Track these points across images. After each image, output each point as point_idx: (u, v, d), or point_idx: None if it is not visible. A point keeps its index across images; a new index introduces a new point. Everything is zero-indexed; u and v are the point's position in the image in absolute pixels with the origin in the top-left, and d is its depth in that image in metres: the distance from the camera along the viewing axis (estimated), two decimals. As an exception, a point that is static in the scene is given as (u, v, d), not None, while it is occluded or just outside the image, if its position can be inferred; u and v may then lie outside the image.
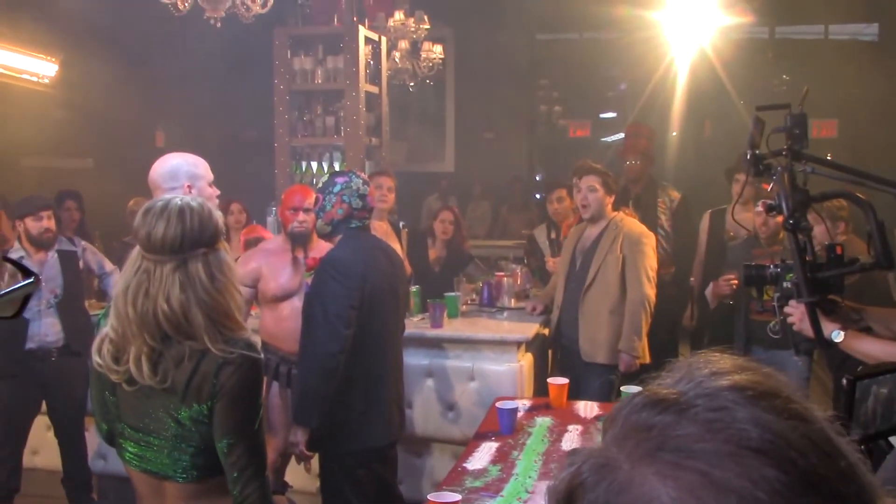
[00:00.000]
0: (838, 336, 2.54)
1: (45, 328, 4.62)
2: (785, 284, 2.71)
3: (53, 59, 7.78)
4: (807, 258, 2.50)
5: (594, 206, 4.64)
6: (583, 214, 4.79)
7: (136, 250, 2.14)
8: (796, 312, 2.62)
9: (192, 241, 2.09)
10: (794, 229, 2.46)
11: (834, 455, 0.60)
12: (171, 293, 2.06)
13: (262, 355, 3.13)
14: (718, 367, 0.65)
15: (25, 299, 1.17)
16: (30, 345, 4.60)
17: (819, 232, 3.16)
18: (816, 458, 0.58)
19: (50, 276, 4.67)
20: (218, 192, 3.02)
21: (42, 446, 5.12)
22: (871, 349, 2.51)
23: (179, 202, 2.13)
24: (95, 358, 2.13)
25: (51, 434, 4.91)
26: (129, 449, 2.18)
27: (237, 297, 2.18)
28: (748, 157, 2.59)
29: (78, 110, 7.77)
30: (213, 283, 2.10)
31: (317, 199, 3.55)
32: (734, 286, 4.44)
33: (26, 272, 1.16)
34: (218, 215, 2.22)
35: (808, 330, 2.56)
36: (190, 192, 2.84)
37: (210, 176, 2.99)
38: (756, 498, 0.54)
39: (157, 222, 2.09)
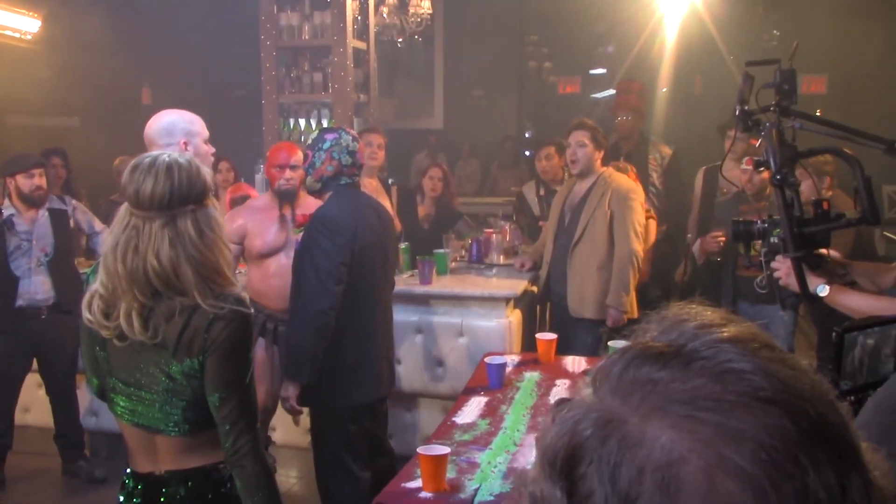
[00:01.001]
0: (823, 290, 2.57)
1: (36, 286, 4.62)
2: (772, 240, 2.72)
3: (36, 15, 7.67)
4: (794, 213, 2.51)
5: (583, 161, 4.64)
6: (571, 170, 4.79)
7: (125, 207, 2.13)
8: (783, 267, 2.63)
9: (181, 197, 2.08)
10: (782, 185, 2.47)
11: (835, 403, 0.61)
12: (160, 249, 2.05)
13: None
14: (706, 318, 0.65)
15: None
16: (20, 302, 4.60)
17: (806, 187, 3.17)
18: (823, 406, 0.59)
19: (41, 234, 4.66)
20: (213, 150, 3.00)
21: (34, 404, 5.15)
22: (856, 303, 2.54)
23: (167, 158, 2.12)
24: (85, 314, 2.13)
25: (42, 391, 4.94)
26: (121, 403, 2.20)
27: (227, 253, 2.18)
28: (737, 112, 2.59)
29: (63, 67, 7.65)
30: (203, 239, 2.10)
31: (306, 156, 3.54)
32: (721, 243, 4.46)
33: None
34: (206, 172, 2.21)
35: (794, 285, 2.58)
36: (186, 148, 2.82)
37: (206, 133, 2.97)
38: (772, 446, 0.55)
39: (145, 179, 2.08)
